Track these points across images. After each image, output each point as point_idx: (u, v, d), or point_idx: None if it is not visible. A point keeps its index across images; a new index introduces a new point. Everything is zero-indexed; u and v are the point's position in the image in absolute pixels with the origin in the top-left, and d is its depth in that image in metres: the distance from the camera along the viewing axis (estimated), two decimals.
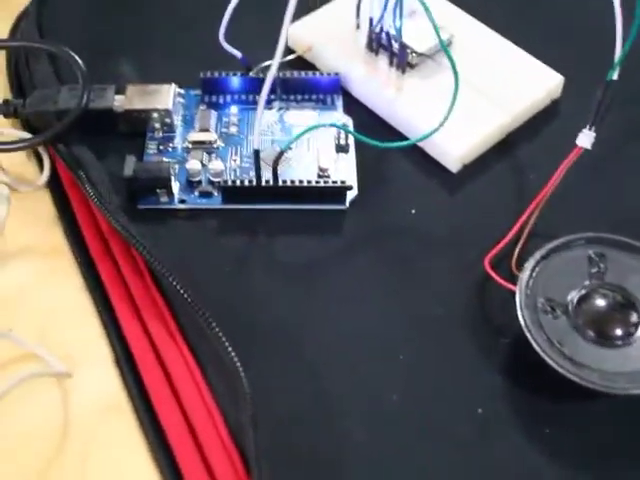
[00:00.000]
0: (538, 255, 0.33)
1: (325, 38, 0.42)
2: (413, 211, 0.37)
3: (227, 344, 0.31)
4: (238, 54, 0.39)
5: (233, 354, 0.31)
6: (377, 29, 0.40)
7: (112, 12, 0.46)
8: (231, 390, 0.31)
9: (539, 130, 0.40)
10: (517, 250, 0.35)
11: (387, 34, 0.40)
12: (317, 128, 0.36)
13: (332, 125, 0.37)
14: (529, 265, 0.33)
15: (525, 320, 0.32)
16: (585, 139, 0.35)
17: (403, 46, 0.39)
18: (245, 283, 0.35)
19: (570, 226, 0.36)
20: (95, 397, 0.32)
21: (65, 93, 0.38)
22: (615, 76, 0.33)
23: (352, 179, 0.38)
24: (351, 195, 0.37)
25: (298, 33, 0.42)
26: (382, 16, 0.39)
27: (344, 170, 0.38)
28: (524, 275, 0.33)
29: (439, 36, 0.36)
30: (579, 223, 0.36)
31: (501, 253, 0.35)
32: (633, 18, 0.32)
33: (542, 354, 0.31)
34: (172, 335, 0.33)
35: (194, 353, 0.32)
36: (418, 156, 0.39)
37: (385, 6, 0.38)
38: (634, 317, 0.32)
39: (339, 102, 0.41)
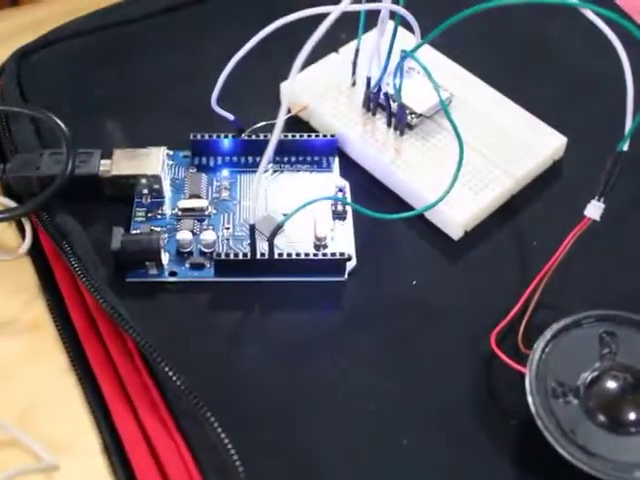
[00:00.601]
0: (548, 334, 0.32)
1: (320, 96, 0.41)
2: (414, 282, 0.36)
3: (223, 435, 0.30)
4: (230, 117, 0.37)
5: (230, 446, 0.29)
6: (375, 89, 0.38)
7: (97, 70, 0.44)
8: None
9: (541, 193, 0.39)
10: (523, 325, 0.34)
11: (385, 94, 0.38)
12: (317, 202, 0.34)
13: (329, 198, 0.35)
14: (538, 345, 0.32)
15: (536, 406, 0.30)
16: (594, 210, 0.33)
17: (402, 107, 0.38)
18: (239, 362, 0.33)
19: (577, 298, 0.35)
20: None
21: (47, 158, 0.36)
22: (625, 147, 0.32)
23: (350, 248, 0.36)
24: (350, 265, 0.36)
25: (291, 90, 0.41)
26: (382, 76, 0.37)
27: (342, 238, 0.36)
28: (534, 357, 0.31)
29: (440, 97, 0.35)
30: (586, 295, 0.35)
31: (506, 327, 0.34)
32: None
33: (554, 443, 0.29)
34: (164, 423, 0.31)
35: (188, 442, 0.31)
36: (417, 222, 0.37)
37: (386, 64, 0.37)
38: None
39: (335, 164, 0.39)
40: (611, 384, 0.31)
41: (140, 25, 0.46)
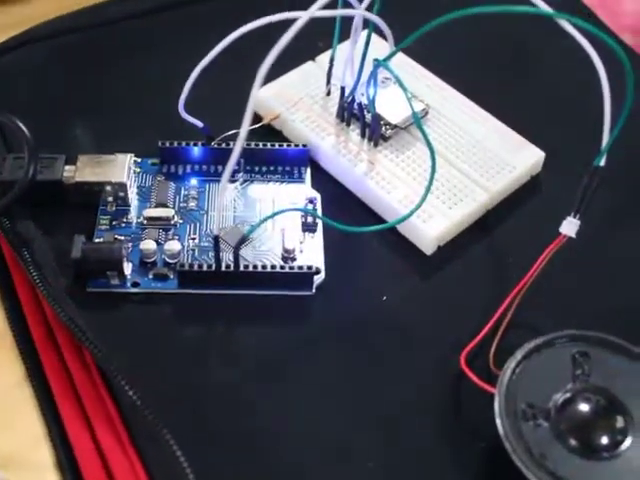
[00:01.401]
0: (519, 355, 0.31)
1: (294, 105, 0.40)
2: (384, 297, 0.35)
3: (179, 453, 0.29)
4: (199, 124, 0.36)
5: (186, 464, 0.28)
6: (349, 99, 0.37)
7: (65, 74, 0.43)
8: None
9: (518, 207, 0.38)
10: (494, 344, 0.33)
11: (359, 104, 0.37)
12: (284, 212, 0.33)
13: (299, 210, 0.34)
14: (509, 366, 0.30)
15: (505, 429, 0.29)
16: (569, 227, 0.32)
17: (376, 117, 0.37)
18: (201, 377, 0.32)
19: (550, 317, 0.34)
20: None
21: (10, 162, 0.35)
22: (602, 162, 0.31)
23: (319, 261, 0.35)
24: (318, 279, 0.34)
25: (265, 97, 0.40)
26: (355, 86, 0.36)
27: (311, 251, 0.35)
28: (504, 378, 0.30)
29: (412, 109, 0.34)
30: (560, 314, 0.34)
31: (478, 346, 0.33)
32: (622, 101, 0.30)
33: (522, 468, 0.28)
34: (119, 438, 0.30)
35: (143, 458, 0.29)
36: (390, 236, 0.36)
37: (359, 74, 0.36)
38: (620, 423, 0.29)
39: (307, 175, 0.38)
40: (583, 406, 0.30)
41: (110, 29, 0.45)
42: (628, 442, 0.29)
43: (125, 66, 0.44)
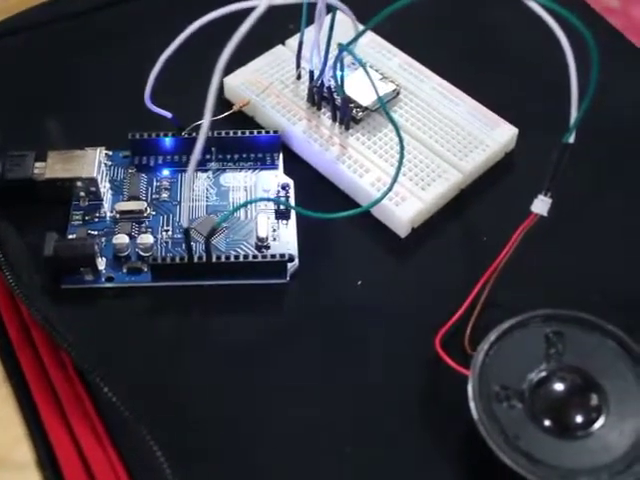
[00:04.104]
0: (492, 336, 0.31)
1: (264, 90, 0.39)
2: (359, 282, 0.35)
3: (155, 448, 0.29)
4: (167, 114, 0.36)
5: (162, 460, 0.28)
6: (318, 83, 0.37)
7: (31, 68, 0.42)
8: None
9: (492, 186, 0.38)
10: (470, 326, 0.33)
11: (329, 88, 0.37)
12: (254, 202, 0.33)
13: (270, 200, 0.34)
14: (482, 348, 0.30)
15: (478, 412, 0.29)
16: (541, 205, 0.32)
17: (346, 100, 0.37)
18: (178, 369, 0.32)
19: (524, 297, 0.34)
20: None
21: None
22: (571, 139, 0.31)
23: (293, 248, 0.35)
24: (292, 267, 0.34)
25: (235, 84, 0.40)
26: (323, 70, 0.36)
27: (284, 238, 0.35)
28: (477, 360, 0.30)
29: (377, 93, 0.34)
30: (534, 293, 0.34)
31: (453, 328, 0.33)
32: (588, 76, 0.29)
33: (497, 451, 0.28)
34: (97, 435, 0.30)
35: (121, 453, 0.30)
36: (363, 220, 0.36)
37: (326, 58, 0.36)
38: (594, 401, 0.30)
39: (279, 161, 0.38)
40: (557, 386, 0.30)
41: (76, 22, 0.44)
42: (602, 420, 0.29)
43: (92, 60, 0.43)
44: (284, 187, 0.37)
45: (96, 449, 0.30)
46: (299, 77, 0.40)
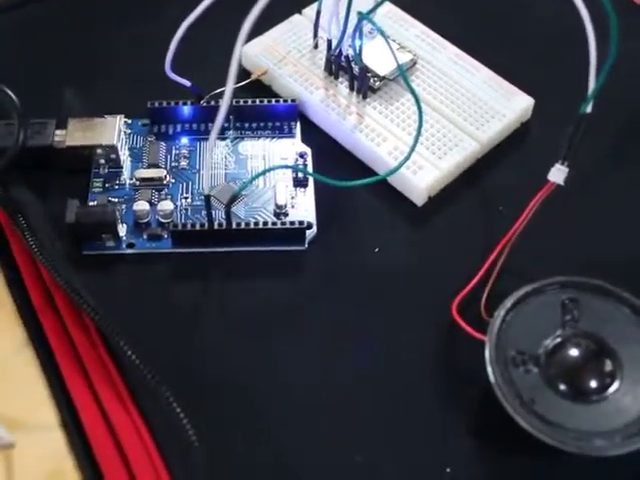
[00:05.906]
0: (509, 303, 0.31)
1: (281, 60, 0.40)
2: (377, 249, 0.35)
3: (179, 410, 0.29)
4: (187, 83, 0.36)
5: (186, 421, 0.29)
6: (336, 52, 0.37)
7: (51, 38, 0.43)
8: (184, 457, 0.29)
9: (508, 156, 0.38)
10: (486, 293, 0.33)
11: (347, 57, 0.37)
12: (274, 170, 0.33)
13: (288, 167, 0.34)
14: (499, 314, 0.31)
15: (495, 376, 0.30)
16: (558, 174, 0.32)
17: (364, 70, 0.37)
18: (198, 333, 0.33)
19: (541, 264, 0.34)
20: (39, 465, 0.30)
21: (1, 129, 0.36)
22: (589, 109, 0.31)
23: (311, 216, 0.35)
24: (310, 234, 0.35)
25: (253, 53, 0.40)
26: (342, 39, 0.36)
27: (302, 206, 0.36)
28: (494, 325, 0.31)
29: (397, 61, 0.34)
30: (551, 261, 0.35)
31: (470, 294, 0.33)
32: (608, 47, 0.30)
33: (513, 414, 0.29)
34: (121, 397, 0.31)
35: (145, 416, 0.30)
36: (380, 188, 0.36)
37: (345, 27, 0.36)
38: (609, 366, 0.30)
39: (297, 130, 0.38)
40: (573, 351, 0.30)
41: None
42: (616, 385, 0.30)
43: (113, 28, 0.44)
44: (302, 155, 0.37)
45: (120, 412, 0.31)
46: (316, 46, 0.40)
